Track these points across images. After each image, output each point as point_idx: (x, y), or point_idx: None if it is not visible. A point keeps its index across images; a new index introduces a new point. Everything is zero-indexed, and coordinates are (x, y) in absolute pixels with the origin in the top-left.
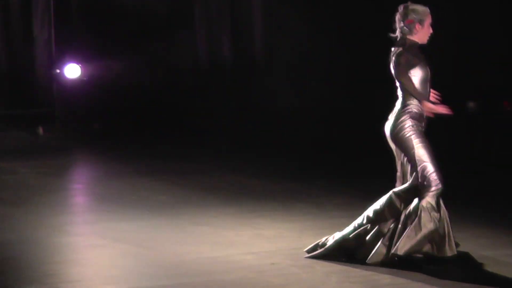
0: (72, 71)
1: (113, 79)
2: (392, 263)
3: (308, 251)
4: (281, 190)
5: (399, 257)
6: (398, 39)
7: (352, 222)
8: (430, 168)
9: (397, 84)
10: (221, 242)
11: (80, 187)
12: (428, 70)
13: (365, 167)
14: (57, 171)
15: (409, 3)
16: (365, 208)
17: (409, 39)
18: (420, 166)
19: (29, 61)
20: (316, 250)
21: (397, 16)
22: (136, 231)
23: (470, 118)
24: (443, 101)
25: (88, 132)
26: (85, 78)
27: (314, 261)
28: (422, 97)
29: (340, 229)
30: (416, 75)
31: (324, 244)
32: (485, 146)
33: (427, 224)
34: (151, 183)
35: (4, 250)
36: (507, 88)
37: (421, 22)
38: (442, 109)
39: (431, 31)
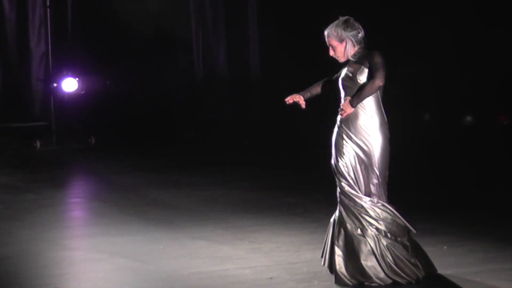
0: (69, 85)
1: (110, 93)
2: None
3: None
4: (278, 203)
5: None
6: None
7: None
8: None
9: None
10: (219, 256)
11: (77, 201)
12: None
13: None
14: (53, 185)
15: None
16: None
17: None
18: None
19: (26, 74)
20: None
21: None
22: (134, 245)
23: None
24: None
25: (84, 145)
26: (82, 92)
27: (312, 275)
28: None
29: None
30: None
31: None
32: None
33: None
34: (147, 196)
35: (1, 264)
36: (503, 102)
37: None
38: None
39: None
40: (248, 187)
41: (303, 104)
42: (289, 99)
